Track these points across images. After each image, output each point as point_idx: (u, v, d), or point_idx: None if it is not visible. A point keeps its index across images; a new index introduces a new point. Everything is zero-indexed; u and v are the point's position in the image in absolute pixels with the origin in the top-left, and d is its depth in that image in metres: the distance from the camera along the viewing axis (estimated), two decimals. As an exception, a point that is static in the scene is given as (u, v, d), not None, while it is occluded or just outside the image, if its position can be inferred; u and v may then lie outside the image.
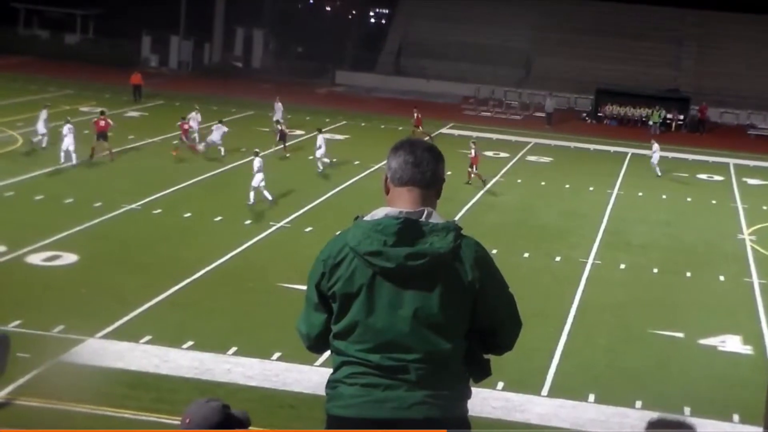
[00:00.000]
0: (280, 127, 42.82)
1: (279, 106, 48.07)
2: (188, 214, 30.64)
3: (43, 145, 37.95)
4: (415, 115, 47.65)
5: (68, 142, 35.34)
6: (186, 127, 39.80)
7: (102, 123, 37.37)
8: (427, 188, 4.29)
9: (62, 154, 35.44)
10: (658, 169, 42.50)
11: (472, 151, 38.53)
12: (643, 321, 24.37)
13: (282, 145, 41.40)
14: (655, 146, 43.26)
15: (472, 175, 38.07)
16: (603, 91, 62.29)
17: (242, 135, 44.23)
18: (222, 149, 39.35)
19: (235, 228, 29.59)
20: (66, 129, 35.51)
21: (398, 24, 75.88)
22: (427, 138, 41.03)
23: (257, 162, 32.85)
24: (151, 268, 25.33)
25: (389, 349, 4.13)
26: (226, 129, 40.07)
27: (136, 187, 33.23)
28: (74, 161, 35.48)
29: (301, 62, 73.53)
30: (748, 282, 28.34)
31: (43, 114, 38.38)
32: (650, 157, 43.07)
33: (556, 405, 18.60)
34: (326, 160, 38.62)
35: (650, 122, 57.80)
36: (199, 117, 43.12)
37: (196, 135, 41.55)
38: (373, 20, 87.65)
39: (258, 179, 32.46)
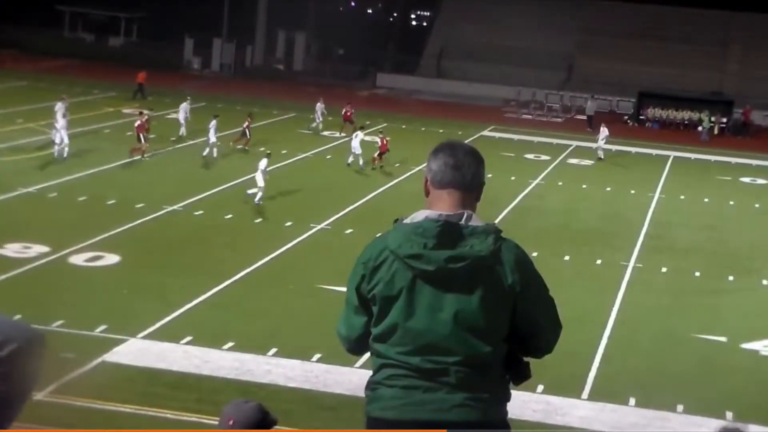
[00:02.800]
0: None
1: (319, 105, 48.14)
2: (229, 216, 30.79)
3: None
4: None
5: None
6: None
7: (139, 123, 37.74)
8: (467, 191, 4.29)
9: None
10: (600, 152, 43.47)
11: (379, 140, 39.41)
12: (685, 325, 24.20)
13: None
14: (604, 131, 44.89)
15: (376, 162, 39.16)
16: (645, 93, 61.92)
17: (284, 137, 44.44)
18: (183, 129, 40.99)
19: (276, 229, 29.70)
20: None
21: (440, 26, 75.83)
22: None
23: (263, 162, 33.06)
24: (193, 269, 25.48)
25: (429, 352, 4.14)
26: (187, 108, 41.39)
27: (178, 188, 33.45)
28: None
29: (343, 65, 73.69)
30: (793, 286, 28.08)
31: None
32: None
33: (596, 409, 18.52)
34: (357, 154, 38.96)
35: (700, 127, 57.16)
36: (188, 107, 43.21)
37: (182, 128, 42.35)
38: (414, 22, 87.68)
39: (261, 178, 32.82)
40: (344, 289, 4.43)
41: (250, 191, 32.60)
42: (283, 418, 7.78)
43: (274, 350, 20.36)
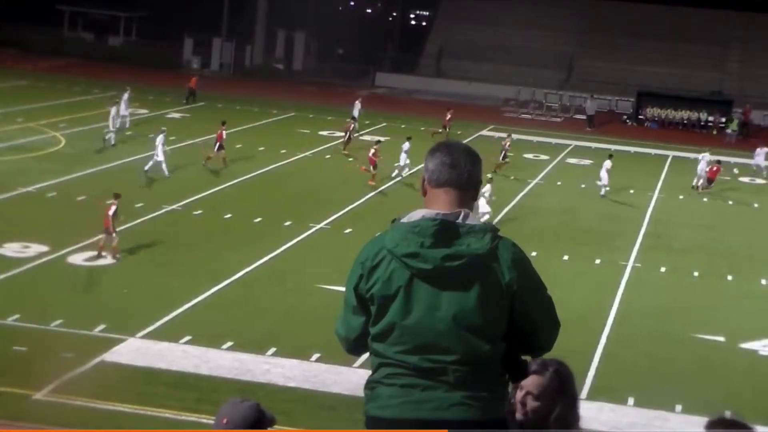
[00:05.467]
0: (352, 125, 43.23)
1: (357, 104, 48.27)
2: (228, 215, 30.80)
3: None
4: (448, 115, 48.10)
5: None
6: None
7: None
8: (463, 190, 4.30)
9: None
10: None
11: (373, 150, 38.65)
12: (684, 325, 24.24)
13: (346, 142, 42.01)
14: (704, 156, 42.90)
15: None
16: (644, 93, 61.96)
17: (284, 136, 44.45)
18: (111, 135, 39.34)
19: (275, 229, 29.72)
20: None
21: (439, 26, 75.82)
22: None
23: (161, 137, 33.75)
24: (192, 269, 25.50)
25: (427, 351, 4.14)
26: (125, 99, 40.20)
27: (177, 188, 33.45)
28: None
29: (342, 64, 73.67)
30: (792, 286, 28.11)
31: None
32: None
33: (595, 408, 18.53)
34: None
35: (728, 130, 56.89)
36: (126, 96, 43.19)
37: (122, 120, 41.79)
38: (413, 22, 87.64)
39: (161, 153, 33.40)
40: (343, 288, 4.43)
41: (146, 167, 33.58)
42: (282, 417, 7.81)
43: (273, 350, 20.39)
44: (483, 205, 31.12)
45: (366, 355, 4.39)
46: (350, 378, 18.67)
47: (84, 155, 37.59)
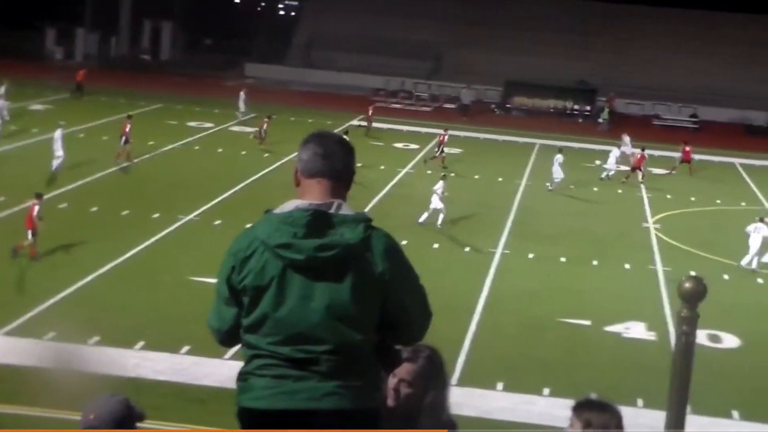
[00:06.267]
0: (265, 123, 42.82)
1: (242, 96, 48.10)
2: (95, 209, 30.25)
3: None
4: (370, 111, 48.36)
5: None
6: None
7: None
8: (336, 180, 4.30)
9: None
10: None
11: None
12: (551, 310, 24.71)
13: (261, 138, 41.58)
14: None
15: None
16: (512, 83, 62.93)
17: (152, 128, 43.79)
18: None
19: (143, 222, 29.27)
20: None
21: (308, 16, 75.69)
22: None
23: (59, 133, 33.21)
24: (57, 263, 24.96)
25: (300, 342, 4.13)
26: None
27: (41, 181, 32.63)
28: None
29: (211, 55, 72.99)
30: (653, 269, 28.90)
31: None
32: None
33: (464, 394, 18.73)
34: None
35: (600, 119, 58.13)
36: (2, 90, 42.29)
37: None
38: (282, 12, 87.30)
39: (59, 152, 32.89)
40: (214, 280, 4.40)
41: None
42: (152, 412, 7.71)
43: (141, 344, 20.10)
44: (436, 201, 31.27)
45: (237, 347, 4.37)
46: (221, 370, 18.52)
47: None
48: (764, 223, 30.01)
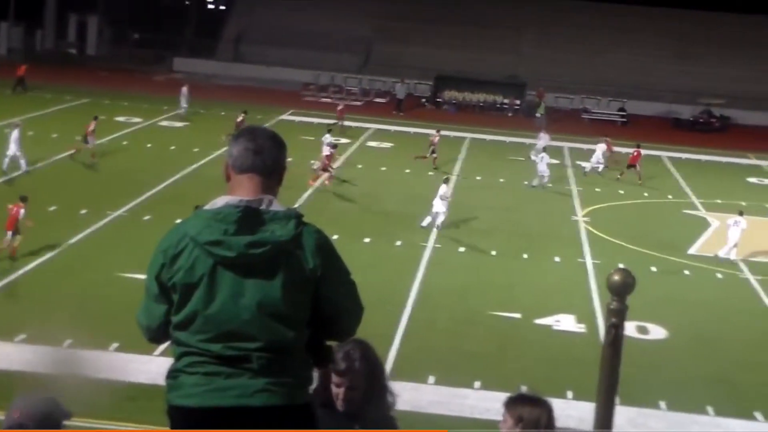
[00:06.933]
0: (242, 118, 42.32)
1: (184, 91, 48.07)
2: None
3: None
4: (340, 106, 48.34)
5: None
6: None
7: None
8: (268, 176, 4.28)
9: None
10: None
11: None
12: (482, 303, 24.86)
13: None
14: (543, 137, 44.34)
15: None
16: (442, 77, 63.16)
17: (79, 123, 43.19)
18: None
19: (71, 218, 28.92)
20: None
21: (237, 10, 75.22)
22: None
23: (15, 132, 32.81)
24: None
25: (231, 339, 4.11)
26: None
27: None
28: None
29: (138, 49, 72.18)
30: (582, 262, 29.20)
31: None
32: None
33: (397, 388, 18.73)
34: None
35: (537, 114, 58.38)
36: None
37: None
38: (211, 6, 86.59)
39: (14, 148, 32.66)
40: (144, 276, 4.35)
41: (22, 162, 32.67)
42: (81, 409, 7.61)
43: (69, 341, 19.86)
44: (438, 204, 31.13)
45: (166, 344, 4.33)
46: (150, 368, 18.37)
47: None
48: (743, 216, 30.65)
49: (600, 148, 42.91)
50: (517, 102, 62.06)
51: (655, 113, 64.21)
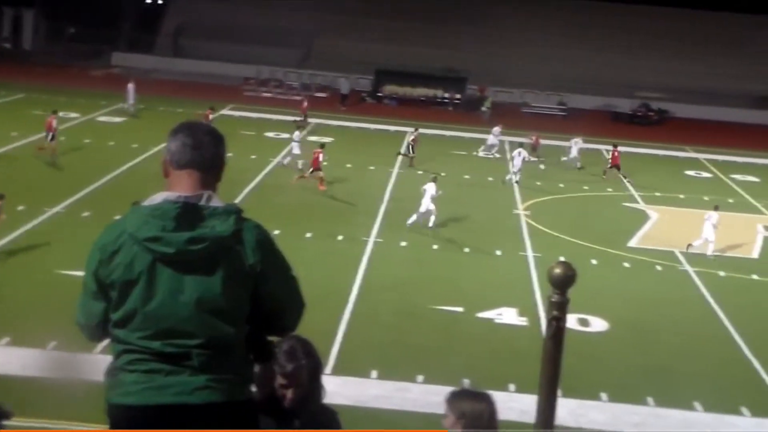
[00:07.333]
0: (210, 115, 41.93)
1: (130, 88, 47.16)
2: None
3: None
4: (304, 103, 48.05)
5: None
6: None
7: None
8: (207, 171, 4.24)
9: None
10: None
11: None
12: (425, 297, 24.89)
13: None
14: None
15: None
16: (382, 71, 63.19)
17: (15, 119, 42.71)
18: None
19: (8, 215, 28.49)
20: None
21: (176, 4, 74.72)
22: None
23: None
24: None
25: (170, 336, 4.07)
26: None
27: None
28: None
29: (75, 44, 71.38)
30: (523, 255, 29.35)
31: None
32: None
33: (339, 383, 18.76)
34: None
35: (483, 108, 58.60)
36: None
37: None
38: (149, 0, 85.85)
39: None
40: (82, 273, 4.29)
41: None
42: (20, 409, 7.52)
43: (7, 339, 19.61)
44: (427, 202, 30.94)
45: (106, 342, 4.28)
46: (90, 366, 18.16)
47: None
48: (717, 211, 31.01)
49: (575, 143, 43.43)
50: (458, 96, 62.29)
51: (594, 107, 64.79)
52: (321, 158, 35.69)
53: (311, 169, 35.60)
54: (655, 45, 70.08)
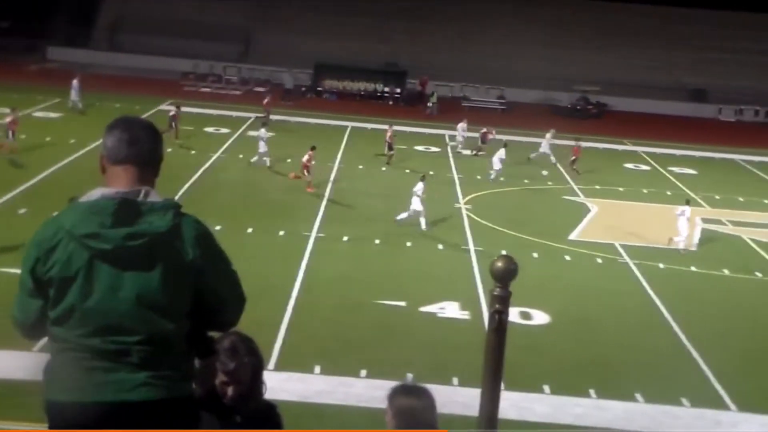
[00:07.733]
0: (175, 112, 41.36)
1: (75, 84, 46.84)
2: None
3: None
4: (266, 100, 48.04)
5: None
6: None
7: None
8: (144, 167, 4.20)
9: None
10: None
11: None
12: (367, 292, 24.90)
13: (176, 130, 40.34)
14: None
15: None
16: (321, 65, 63.08)
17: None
18: None
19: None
20: None
21: (112, -2, 73.95)
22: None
23: None
24: None
25: (110, 333, 4.02)
26: None
27: None
28: None
29: (9, 38, 70.34)
30: (465, 249, 29.47)
31: None
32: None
33: (282, 378, 18.72)
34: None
35: (429, 103, 58.57)
36: None
37: None
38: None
39: None
40: (18, 271, 4.21)
41: None
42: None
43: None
44: (416, 203, 30.73)
45: (44, 339, 4.21)
46: (27, 363, 17.92)
47: None
48: (689, 205, 31.40)
49: (547, 138, 43.78)
50: (398, 90, 62.35)
51: (533, 100, 65.15)
52: (308, 159, 35.51)
53: (301, 168, 35.54)
54: (593, 38, 70.64)
